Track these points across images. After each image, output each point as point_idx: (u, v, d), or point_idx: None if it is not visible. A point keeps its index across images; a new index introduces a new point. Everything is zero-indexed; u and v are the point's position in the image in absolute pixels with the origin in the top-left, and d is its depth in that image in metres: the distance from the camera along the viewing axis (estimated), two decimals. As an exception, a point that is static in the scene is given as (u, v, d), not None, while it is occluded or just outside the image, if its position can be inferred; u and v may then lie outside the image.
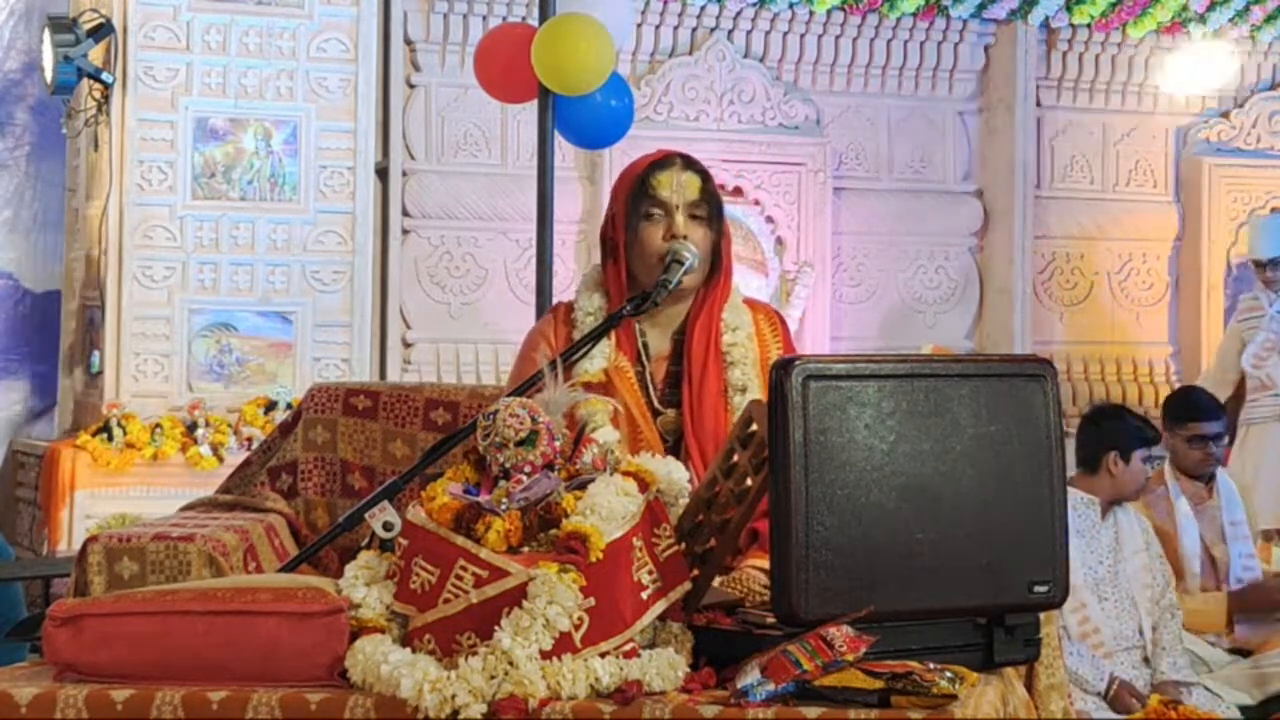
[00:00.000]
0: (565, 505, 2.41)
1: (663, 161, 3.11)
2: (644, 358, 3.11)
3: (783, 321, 3.22)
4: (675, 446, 3.04)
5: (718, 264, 3.11)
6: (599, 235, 3.21)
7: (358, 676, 2.35)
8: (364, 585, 2.47)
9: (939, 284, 9.04)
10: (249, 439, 7.21)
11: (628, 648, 2.34)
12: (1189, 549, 5.39)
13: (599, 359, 3.05)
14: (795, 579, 2.31)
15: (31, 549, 7.44)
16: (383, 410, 3.31)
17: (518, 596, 2.30)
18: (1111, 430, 5.08)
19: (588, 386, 2.99)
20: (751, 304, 3.19)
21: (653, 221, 3.07)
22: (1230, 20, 9.16)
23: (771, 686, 2.21)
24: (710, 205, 3.09)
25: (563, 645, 2.28)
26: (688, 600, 2.47)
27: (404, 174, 8.16)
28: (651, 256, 3.06)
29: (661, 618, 2.43)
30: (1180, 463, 5.59)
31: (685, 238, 3.05)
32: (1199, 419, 5.60)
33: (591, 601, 2.31)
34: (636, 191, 3.09)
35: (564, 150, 7.50)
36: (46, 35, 7.52)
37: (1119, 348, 9.27)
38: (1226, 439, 5.67)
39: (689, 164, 3.11)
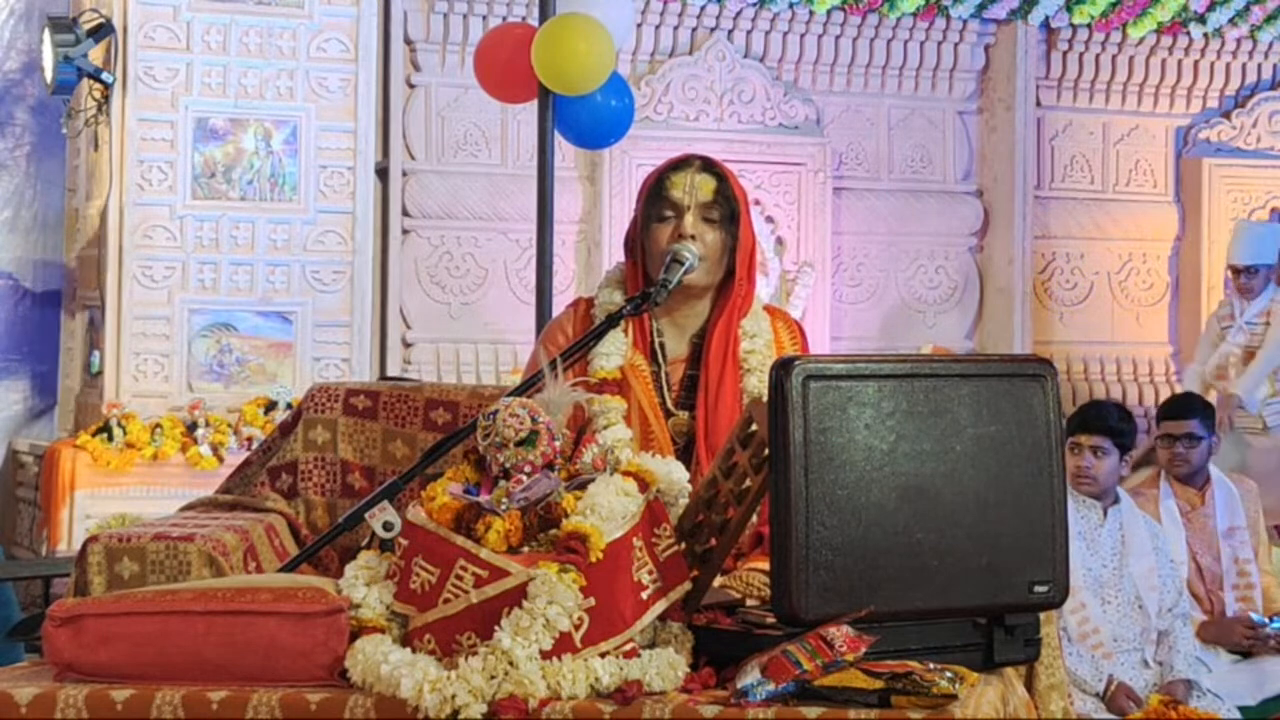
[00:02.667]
0: (565, 505, 2.41)
1: (681, 163, 3.11)
2: (659, 358, 3.10)
3: (802, 331, 3.21)
4: (685, 449, 3.03)
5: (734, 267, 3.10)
6: (625, 234, 3.22)
7: (358, 676, 2.36)
8: (364, 585, 2.47)
9: (939, 284, 9.03)
10: (249, 439, 7.21)
11: (628, 648, 2.34)
12: (1175, 555, 5.34)
13: (615, 356, 3.05)
14: (795, 579, 2.31)
15: (31, 549, 7.44)
16: (383, 410, 3.31)
17: (518, 596, 2.31)
18: None
19: (604, 383, 2.99)
20: (771, 311, 3.18)
21: (664, 222, 3.07)
22: (1230, 20, 9.15)
23: (771, 686, 2.21)
24: (724, 207, 3.07)
25: (563, 645, 2.29)
26: (688, 600, 2.47)
27: (404, 174, 8.15)
28: (659, 256, 3.06)
29: (661, 618, 2.43)
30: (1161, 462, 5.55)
31: (693, 238, 3.04)
32: (1173, 417, 5.55)
33: (591, 601, 2.31)
34: (653, 192, 3.09)
35: (564, 150, 7.50)
36: (46, 35, 7.52)
37: (1119, 348, 9.27)
38: (1204, 441, 5.55)
39: (707, 166, 3.10)
